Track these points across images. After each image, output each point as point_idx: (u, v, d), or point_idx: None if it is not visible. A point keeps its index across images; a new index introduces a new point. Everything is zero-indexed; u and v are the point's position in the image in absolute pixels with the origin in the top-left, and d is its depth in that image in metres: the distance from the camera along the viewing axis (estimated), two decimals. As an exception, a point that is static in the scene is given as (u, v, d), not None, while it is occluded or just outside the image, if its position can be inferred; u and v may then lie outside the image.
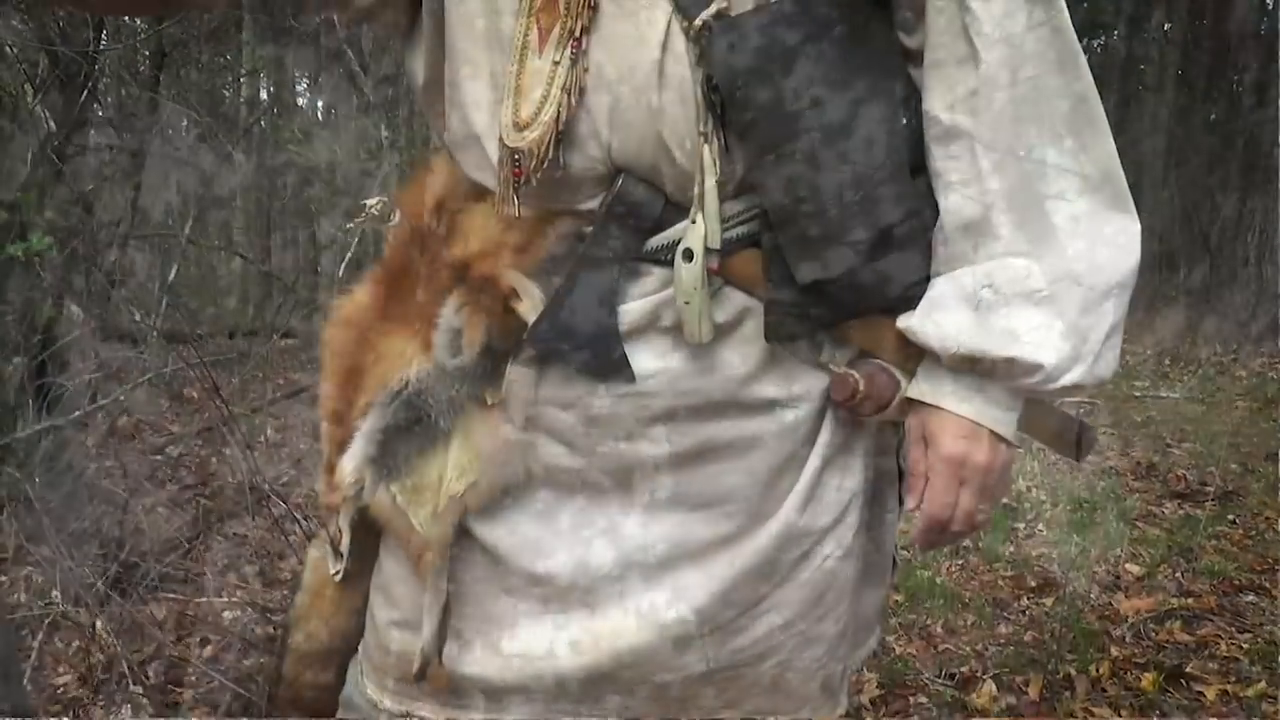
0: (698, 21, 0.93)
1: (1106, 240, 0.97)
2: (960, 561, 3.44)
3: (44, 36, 3.53)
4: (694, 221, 0.96)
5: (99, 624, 2.45)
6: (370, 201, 2.97)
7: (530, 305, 1.02)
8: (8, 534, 2.87)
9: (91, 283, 3.36)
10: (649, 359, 1.02)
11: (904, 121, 0.98)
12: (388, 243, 1.15)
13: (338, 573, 1.19)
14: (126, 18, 3.73)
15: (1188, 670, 2.61)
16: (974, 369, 0.98)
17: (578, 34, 0.95)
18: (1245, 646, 2.76)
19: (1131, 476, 4.64)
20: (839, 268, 0.96)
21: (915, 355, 1.01)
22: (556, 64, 0.95)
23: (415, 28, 1.14)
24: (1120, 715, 2.42)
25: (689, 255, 0.97)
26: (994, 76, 0.94)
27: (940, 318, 0.97)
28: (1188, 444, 5.33)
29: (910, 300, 1.01)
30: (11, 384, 3.17)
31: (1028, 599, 3.16)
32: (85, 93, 3.64)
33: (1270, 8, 16.79)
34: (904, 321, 1.00)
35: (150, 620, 2.63)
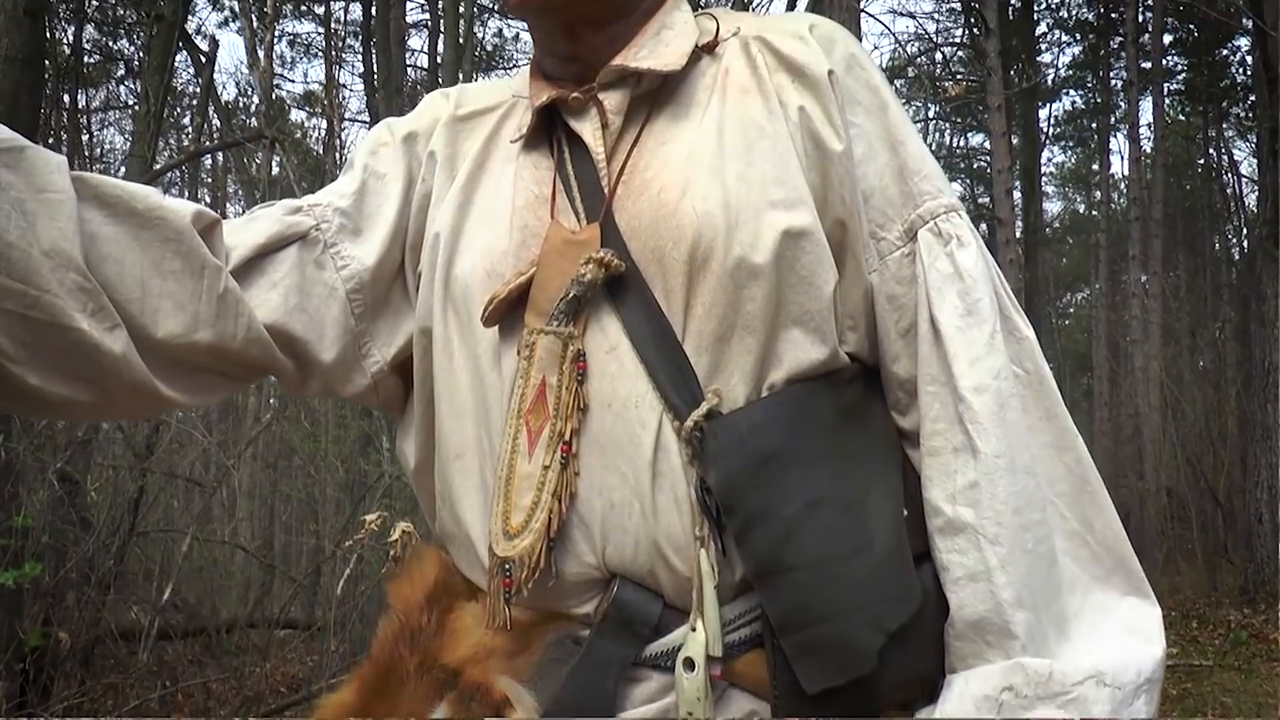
0: (689, 422, 0.92)
1: (1128, 631, 0.93)
2: None
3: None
4: (694, 629, 0.92)
5: None
6: (370, 517, 2.92)
7: (524, 715, 0.95)
8: None
9: (83, 603, 3.27)
10: None
11: (905, 513, 0.95)
12: (376, 639, 1.10)
13: None
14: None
15: None
16: None
17: (567, 437, 0.94)
18: None
19: (1177, 764, 4.36)
20: (848, 674, 0.90)
21: (938, 754, 0.94)
22: (546, 468, 0.94)
23: (408, 408, 1.15)
24: None
25: (690, 665, 0.91)
26: (993, 468, 0.93)
27: (962, 724, 0.91)
28: (1231, 721, 5.06)
29: (927, 695, 0.95)
30: (-10, 717, 3.02)
31: None
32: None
33: (1236, 260, 17.55)
34: (923, 727, 0.93)
35: None
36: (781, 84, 1.02)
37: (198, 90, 13.38)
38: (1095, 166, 23.85)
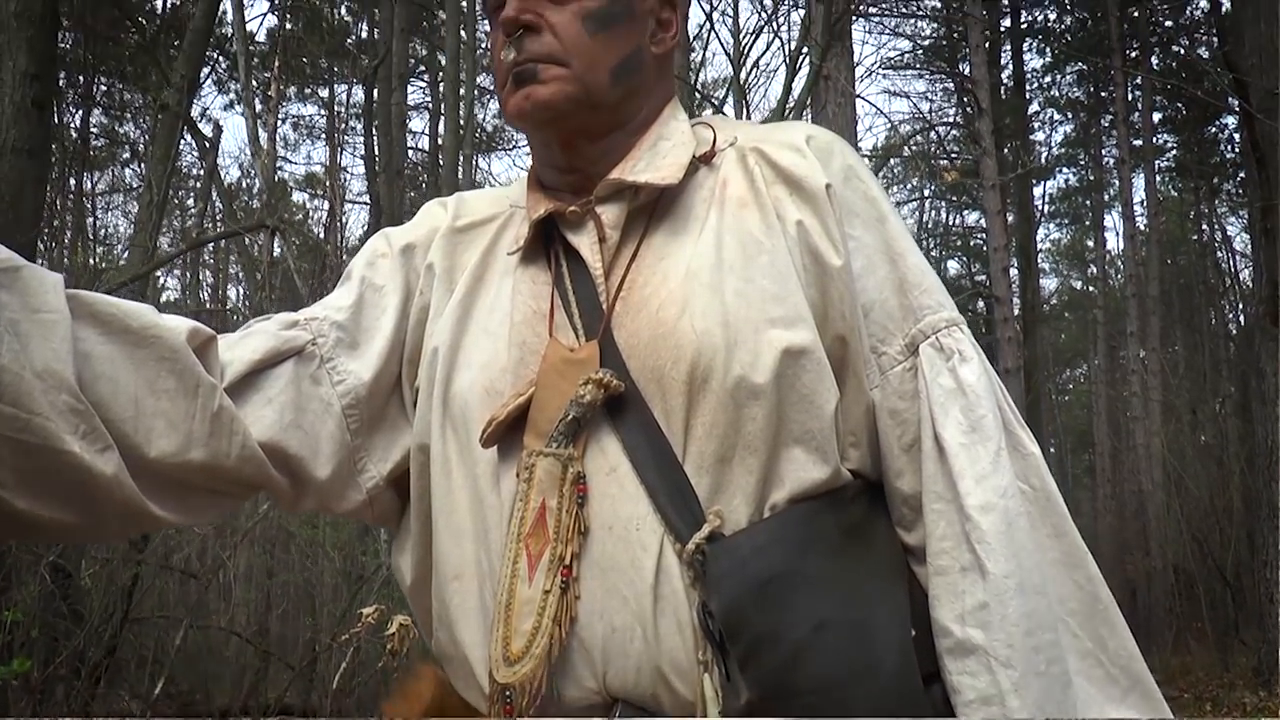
0: (690, 545, 0.90)
1: None
2: None
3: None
4: (699, 757, 0.89)
5: None
6: (366, 610, 2.85)
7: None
8: None
9: (72, 697, 3.20)
10: None
11: (912, 633, 0.93)
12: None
13: None
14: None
15: None
16: None
17: (568, 561, 0.92)
18: None
19: None
20: None
21: None
22: (547, 593, 0.91)
23: (403, 523, 1.12)
24: None
25: (694, 794, 0.88)
26: (1003, 589, 0.91)
27: None
28: (1250, 812, 4.91)
29: None
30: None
31: None
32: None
33: (1234, 335, 17.59)
34: None
35: None
36: (779, 197, 1.02)
37: (201, 172, 13.57)
38: (1090, 243, 24.07)
